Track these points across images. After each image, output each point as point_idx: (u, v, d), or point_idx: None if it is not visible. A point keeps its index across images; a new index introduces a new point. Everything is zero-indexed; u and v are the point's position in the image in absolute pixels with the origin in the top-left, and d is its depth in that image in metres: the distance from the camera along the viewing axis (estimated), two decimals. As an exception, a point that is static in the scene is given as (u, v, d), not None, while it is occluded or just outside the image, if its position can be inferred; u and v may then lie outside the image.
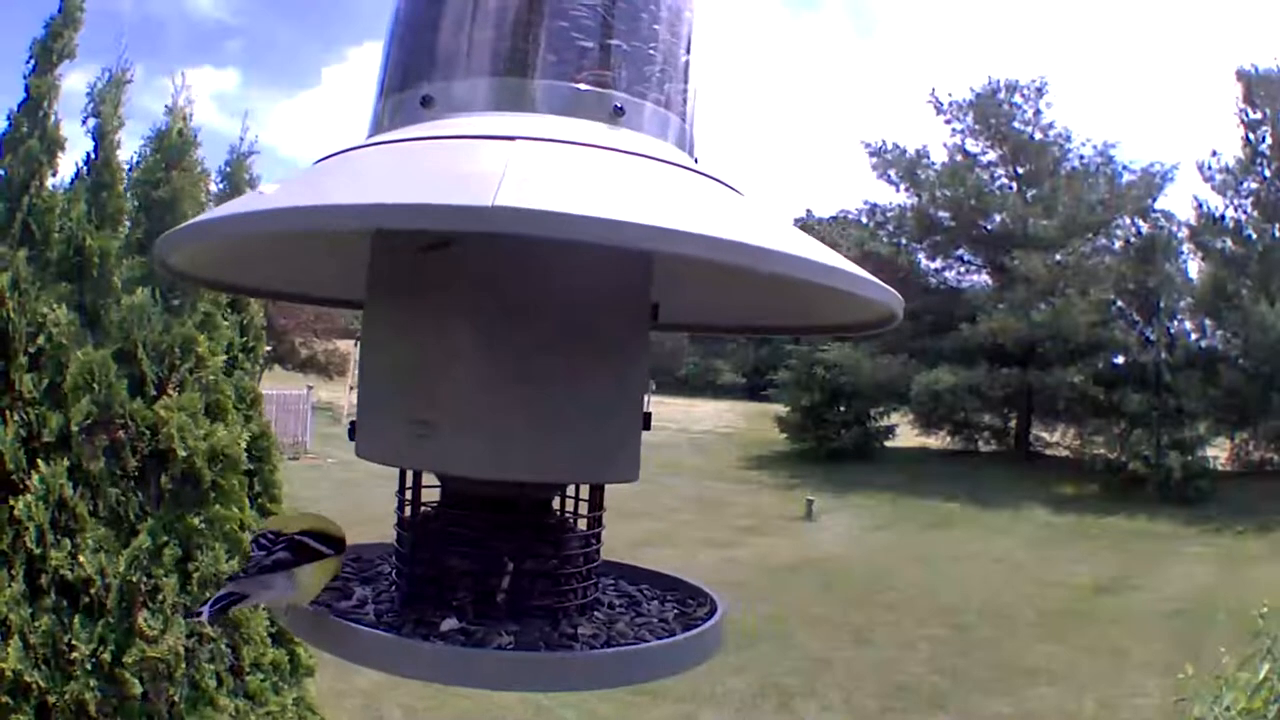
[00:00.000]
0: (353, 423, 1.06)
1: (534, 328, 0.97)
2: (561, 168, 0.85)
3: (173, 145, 3.93)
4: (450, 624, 0.98)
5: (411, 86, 0.97)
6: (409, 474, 1.09)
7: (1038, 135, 28.58)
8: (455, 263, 0.95)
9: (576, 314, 0.99)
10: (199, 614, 2.25)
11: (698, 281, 1.19)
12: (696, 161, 1.01)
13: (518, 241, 0.79)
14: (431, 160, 0.86)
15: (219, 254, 1.14)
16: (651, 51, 0.98)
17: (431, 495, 1.10)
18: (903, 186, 30.43)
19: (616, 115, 0.95)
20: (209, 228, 0.85)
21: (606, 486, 1.12)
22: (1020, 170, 28.86)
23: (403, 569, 1.09)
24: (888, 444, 28.11)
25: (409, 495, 1.10)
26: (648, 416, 1.08)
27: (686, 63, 1.03)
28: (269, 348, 4.70)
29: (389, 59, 1.01)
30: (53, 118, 3.64)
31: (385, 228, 0.89)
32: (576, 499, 1.12)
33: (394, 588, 1.11)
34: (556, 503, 1.12)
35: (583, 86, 0.94)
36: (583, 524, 1.12)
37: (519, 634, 0.98)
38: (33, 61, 3.63)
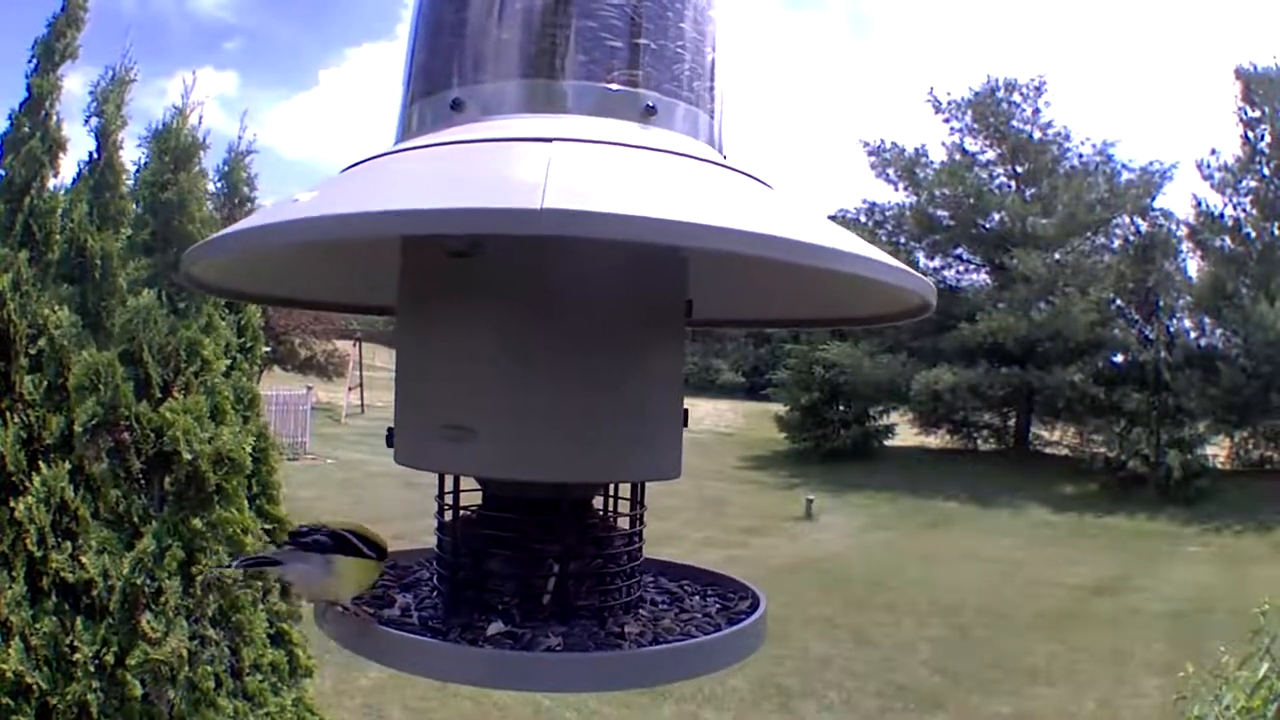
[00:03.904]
0: (390, 429, 1.06)
1: (569, 328, 0.97)
2: (601, 168, 0.84)
3: (181, 147, 3.90)
4: (497, 627, 0.98)
5: (440, 90, 0.96)
6: (448, 478, 1.08)
7: (1037, 134, 28.62)
8: (487, 267, 0.94)
9: (611, 314, 0.98)
10: (228, 565, 2.28)
11: (725, 276, 1.18)
12: (726, 158, 1.01)
13: (550, 243, 0.78)
14: (470, 164, 0.85)
15: (247, 264, 1.13)
16: (680, 50, 0.98)
17: (471, 499, 1.09)
18: (901, 185, 30.49)
19: (648, 114, 0.94)
20: (247, 237, 0.84)
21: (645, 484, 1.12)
22: (1019, 169, 28.88)
23: (445, 574, 1.09)
24: (887, 443, 28.13)
25: (449, 500, 1.09)
26: (685, 413, 1.07)
27: (713, 60, 1.02)
28: (268, 348, 4.69)
29: (413, 63, 1.00)
30: (54, 118, 3.61)
31: (434, 233, 0.88)
32: (617, 497, 1.12)
33: (436, 593, 1.11)
34: (598, 501, 1.12)
35: (614, 86, 0.94)
36: (624, 522, 1.11)
37: (567, 635, 0.97)
38: (35, 61, 3.60)
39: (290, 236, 0.80)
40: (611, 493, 1.12)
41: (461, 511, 1.09)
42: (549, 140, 0.84)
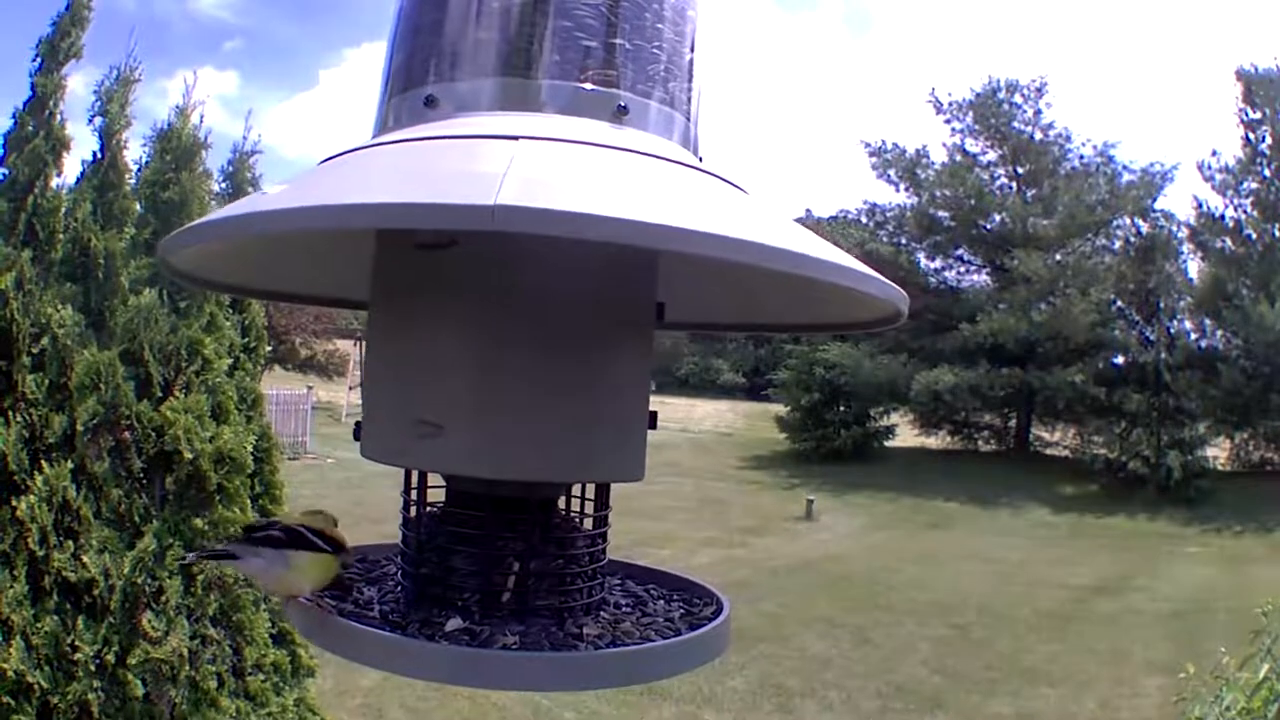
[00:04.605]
0: (358, 423, 1.06)
1: (537, 328, 0.97)
2: (565, 167, 0.85)
3: (183, 147, 3.92)
4: (455, 624, 0.98)
5: (415, 87, 0.97)
6: (414, 474, 1.09)
7: (1038, 135, 28.62)
8: (458, 263, 0.95)
9: (581, 314, 0.98)
10: (186, 559, 2.31)
11: (703, 280, 1.19)
12: (701, 160, 1.01)
13: (521, 241, 0.79)
14: (434, 160, 0.86)
15: (224, 255, 1.14)
16: (656, 50, 0.98)
17: (437, 495, 1.10)
18: (902, 186, 30.51)
19: (621, 114, 0.95)
20: (211, 229, 0.85)
21: (610, 486, 1.12)
22: (1020, 170, 28.88)
23: (408, 569, 1.09)
24: (887, 444, 28.13)
25: (414, 495, 1.09)
26: (653, 415, 1.08)
27: (691, 61, 1.02)
28: (269, 348, 4.70)
29: (392, 60, 1.01)
30: (58, 117, 3.63)
31: (386, 227, 0.89)
32: (582, 498, 1.12)
33: (400, 588, 1.11)
34: (562, 502, 1.12)
35: (587, 86, 0.94)
36: (588, 523, 1.11)
37: (524, 634, 0.98)
38: (39, 59, 3.61)
39: (249, 229, 0.82)
40: (577, 493, 1.12)
41: (427, 508, 1.09)
42: (515, 138, 0.84)
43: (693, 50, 1.03)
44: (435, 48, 0.97)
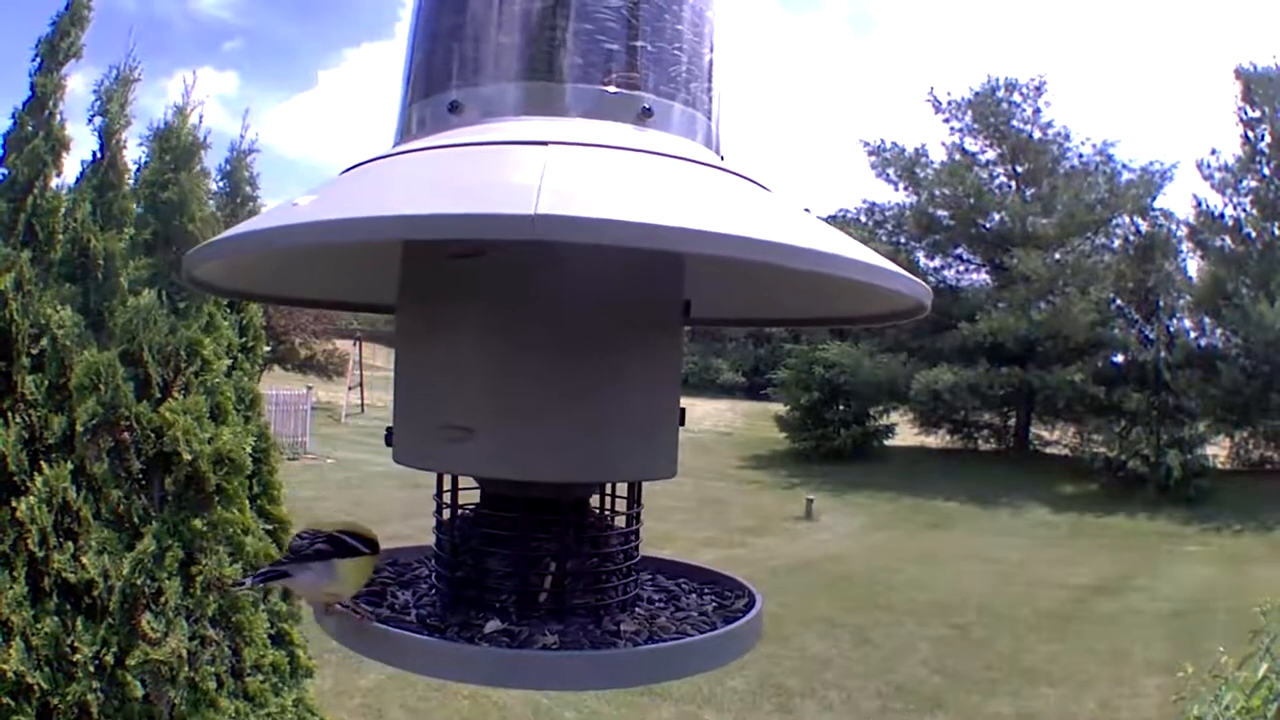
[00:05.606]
0: (389, 429, 1.06)
1: (567, 329, 0.97)
2: (597, 172, 0.84)
3: (181, 146, 3.90)
4: (494, 625, 0.98)
5: (438, 92, 0.96)
6: (447, 478, 1.09)
7: (1037, 134, 28.62)
8: (486, 268, 0.95)
9: (610, 315, 0.99)
10: (243, 584, 2.36)
11: (723, 276, 1.19)
12: (723, 159, 1.01)
13: (548, 245, 0.79)
14: (467, 168, 0.85)
15: (249, 266, 1.13)
16: (677, 52, 0.98)
17: (469, 497, 1.10)
18: (901, 185, 30.51)
19: (645, 116, 0.94)
20: (247, 241, 0.84)
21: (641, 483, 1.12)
22: (1019, 169, 28.88)
23: (443, 572, 1.09)
24: (887, 443, 28.14)
25: (447, 499, 1.10)
26: (682, 412, 1.08)
27: (710, 62, 1.02)
28: (268, 348, 4.69)
29: (412, 65, 1.01)
30: (58, 117, 3.61)
31: (428, 238, 0.88)
32: (614, 496, 1.13)
33: (434, 591, 1.11)
34: (595, 500, 1.12)
35: (611, 89, 0.94)
36: (621, 521, 1.12)
37: (563, 633, 0.98)
38: (39, 59, 3.60)
39: (290, 240, 0.81)
40: (609, 491, 1.13)
41: (460, 510, 1.10)
42: (545, 144, 0.84)
43: (712, 50, 1.03)
44: (456, 52, 0.97)
